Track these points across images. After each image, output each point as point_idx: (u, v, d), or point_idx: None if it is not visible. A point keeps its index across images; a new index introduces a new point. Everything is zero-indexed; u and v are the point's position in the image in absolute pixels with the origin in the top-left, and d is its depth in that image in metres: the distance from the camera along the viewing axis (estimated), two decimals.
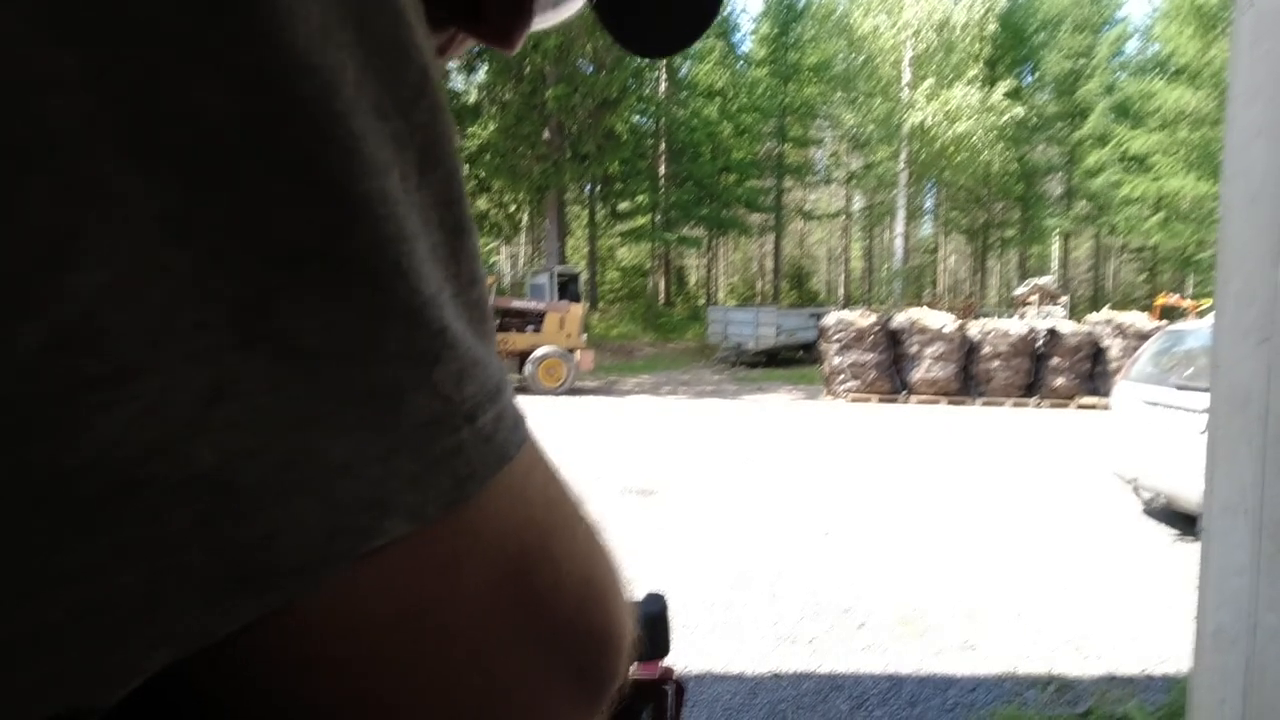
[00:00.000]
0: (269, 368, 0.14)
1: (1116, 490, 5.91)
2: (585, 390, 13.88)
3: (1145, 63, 29.58)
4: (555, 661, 0.19)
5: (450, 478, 0.17)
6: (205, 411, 0.14)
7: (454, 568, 0.17)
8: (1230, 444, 1.53)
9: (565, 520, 0.21)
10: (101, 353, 0.13)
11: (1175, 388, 5.01)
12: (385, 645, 0.16)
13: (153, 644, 0.14)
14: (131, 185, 0.13)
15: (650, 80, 26.59)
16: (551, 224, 23.51)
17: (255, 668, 0.16)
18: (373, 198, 0.15)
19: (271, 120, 0.14)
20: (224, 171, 0.14)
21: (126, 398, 0.13)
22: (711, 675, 3.02)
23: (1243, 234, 1.43)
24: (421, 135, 0.17)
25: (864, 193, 34.92)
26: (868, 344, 12.72)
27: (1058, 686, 2.96)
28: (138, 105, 0.13)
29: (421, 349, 0.16)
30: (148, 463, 0.13)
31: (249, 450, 0.14)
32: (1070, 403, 12.40)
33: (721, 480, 6.54)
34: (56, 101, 0.12)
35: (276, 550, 0.14)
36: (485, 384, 0.18)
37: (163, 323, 0.13)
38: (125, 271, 0.13)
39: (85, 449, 0.13)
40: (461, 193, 0.19)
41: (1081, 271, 39.67)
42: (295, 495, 0.14)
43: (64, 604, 0.13)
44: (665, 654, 0.73)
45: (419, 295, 0.16)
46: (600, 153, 22.60)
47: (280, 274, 0.14)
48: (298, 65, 0.14)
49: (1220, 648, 1.59)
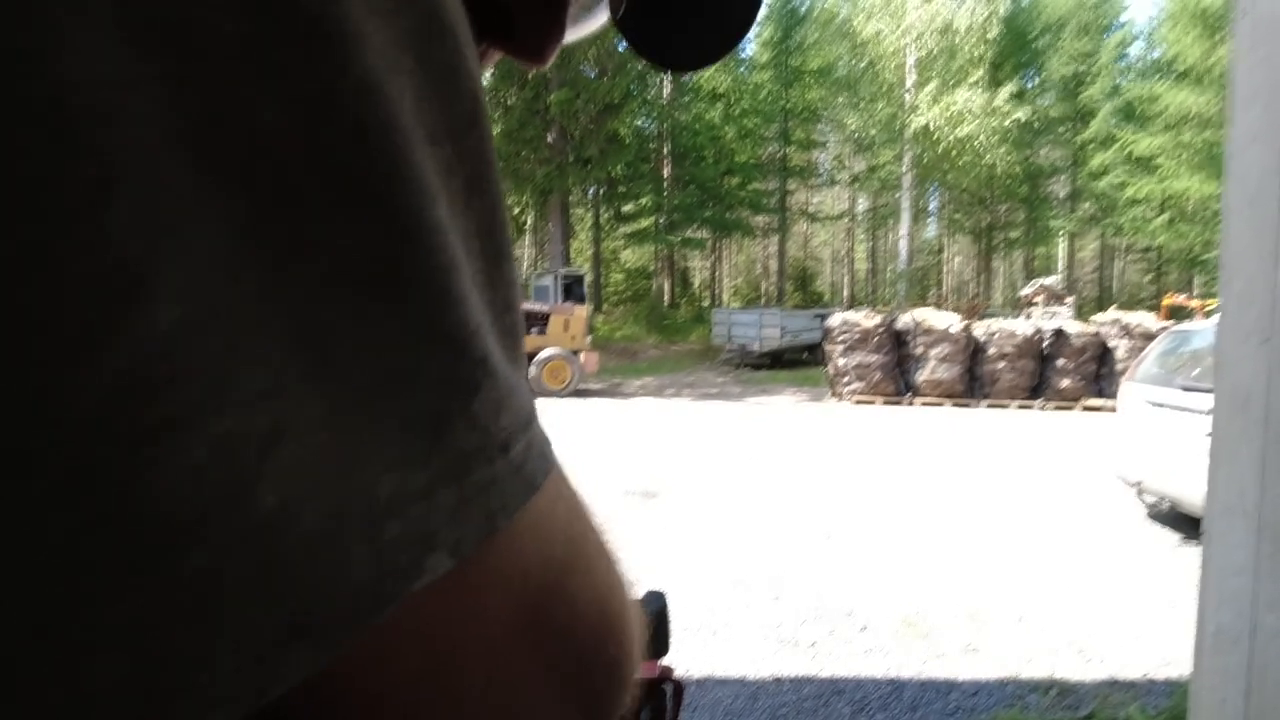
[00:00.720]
0: (324, 402, 0.14)
1: (1121, 494, 5.89)
2: (589, 392, 13.88)
3: (1149, 66, 29.53)
4: (568, 695, 0.19)
5: (484, 511, 0.16)
6: (268, 453, 0.13)
7: (481, 602, 0.17)
8: (1231, 445, 1.52)
9: (584, 552, 0.21)
10: (172, 394, 0.12)
11: (1181, 389, 4.99)
12: (415, 682, 0.16)
13: (206, 705, 0.13)
14: (205, 200, 0.13)
15: (653, 84, 26.62)
16: (555, 227, 23.55)
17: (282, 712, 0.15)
18: (426, 225, 0.15)
19: (335, 143, 0.14)
20: (287, 194, 0.14)
21: (193, 441, 0.12)
22: (713, 678, 3.02)
23: (1243, 235, 1.43)
24: (470, 162, 0.17)
25: (868, 195, 34.90)
26: (872, 345, 12.69)
27: (1060, 690, 2.95)
28: (213, 124, 0.13)
29: (464, 379, 0.16)
30: (209, 508, 0.13)
31: (307, 493, 0.14)
32: (1076, 404, 12.35)
33: (724, 482, 6.54)
34: (135, 109, 0.12)
35: (330, 600, 0.14)
36: (519, 413, 0.18)
37: (231, 360, 0.13)
38: (197, 304, 0.12)
39: (149, 495, 0.12)
40: (504, 219, 0.19)
41: (1087, 272, 39.56)
42: (348, 539, 0.14)
43: (117, 661, 0.12)
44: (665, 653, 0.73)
45: (465, 325, 0.16)
46: (604, 156, 22.64)
47: (335, 302, 0.14)
48: (363, 89, 0.14)
49: (1221, 648, 1.59)
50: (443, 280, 0.16)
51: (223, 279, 0.13)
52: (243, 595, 0.13)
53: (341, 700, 0.15)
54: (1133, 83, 28.49)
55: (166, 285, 0.12)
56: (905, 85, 24.09)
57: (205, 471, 0.12)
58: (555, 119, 21.85)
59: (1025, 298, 19.50)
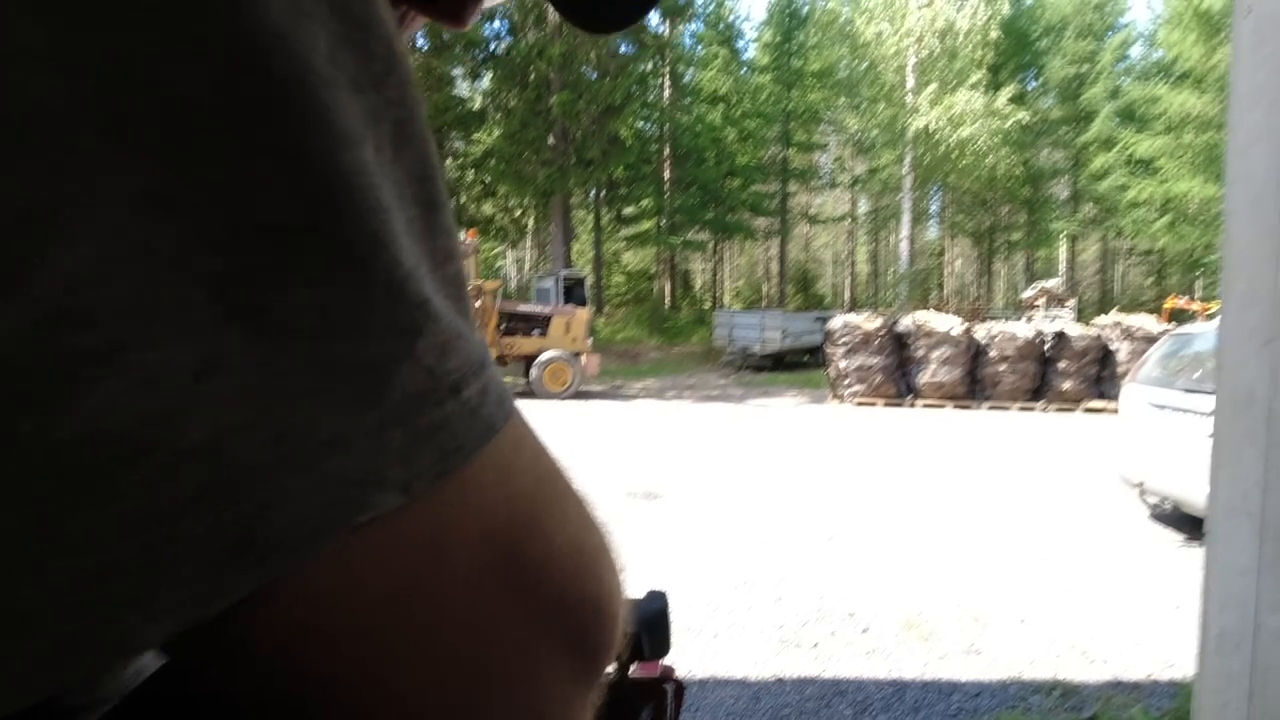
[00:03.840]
0: (255, 343, 0.14)
1: (1123, 495, 5.88)
2: (591, 394, 13.89)
3: (1150, 68, 29.52)
4: (549, 631, 0.19)
5: (437, 451, 0.17)
6: (195, 386, 0.14)
7: (443, 540, 0.17)
8: (1234, 446, 1.52)
9: (555, 492, 0.21)
10: (90, 328, 0.13)
11: (1183, 390, 4.99)
12: (377, 618, 0.16)
13: (151, 615, 0.14)
14: (111, 163, 0.13)
15: (654, 86, 26.66)
16: (557, 228, 23.57)
17: (250, 643, 0.16)
18: (350, 170, 0.15)
19: (247, 96, 0.14)
20: (202, 148, 0.14)
21: (116, 372, 0.13)
22: (715, 679, 3.02)
23: (1246, 237, 1.43)
24: (394, 110, 0.17)
25: (869, 197, 34.90)
26: (874, 347, 12.69)
27: (1063, 691, 2.94)
28: (114, 83, 0.13)
29: (404, 322, 0.16)
30: (140, 436, 0.13)
31: (240, 425, 0.14)
32: (1077, 406, 12.34)
33: (726, 484, 6.53)
34: (36, 79, 0.12)
35: (269, 524, 0.14)
36: (469, 357, 0.18)
37: (149, 299, 0.13)
38: (109, 248, 0.13)
39: (78, 422, 0.13)
40: (435, 168, 0.19)
41: (1089, 274, 39.53)
42: (287, 469, 0.15)
43: (65, 574, 0.13)
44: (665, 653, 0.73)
45: (399, 267, 0.16)
46: (605, 158, 22.66)
47: (262, 248, 0.15)
48: (271, 40, 0.14)
49: (1224, 650, 1.59)
50: (372, 224, 0.16)
51: (140, 225, 0.13)
52: (181, 514, 0.14)
53: (309, 637, 0.16)
54: (1134, 84, 28.50)
55: (81, 228, 0.13)
56: (906, 87, 24.11)
57: (133, 400, 0.13)
58: (557, 121, 21.88)
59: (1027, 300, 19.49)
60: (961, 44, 23.35)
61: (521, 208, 25.43)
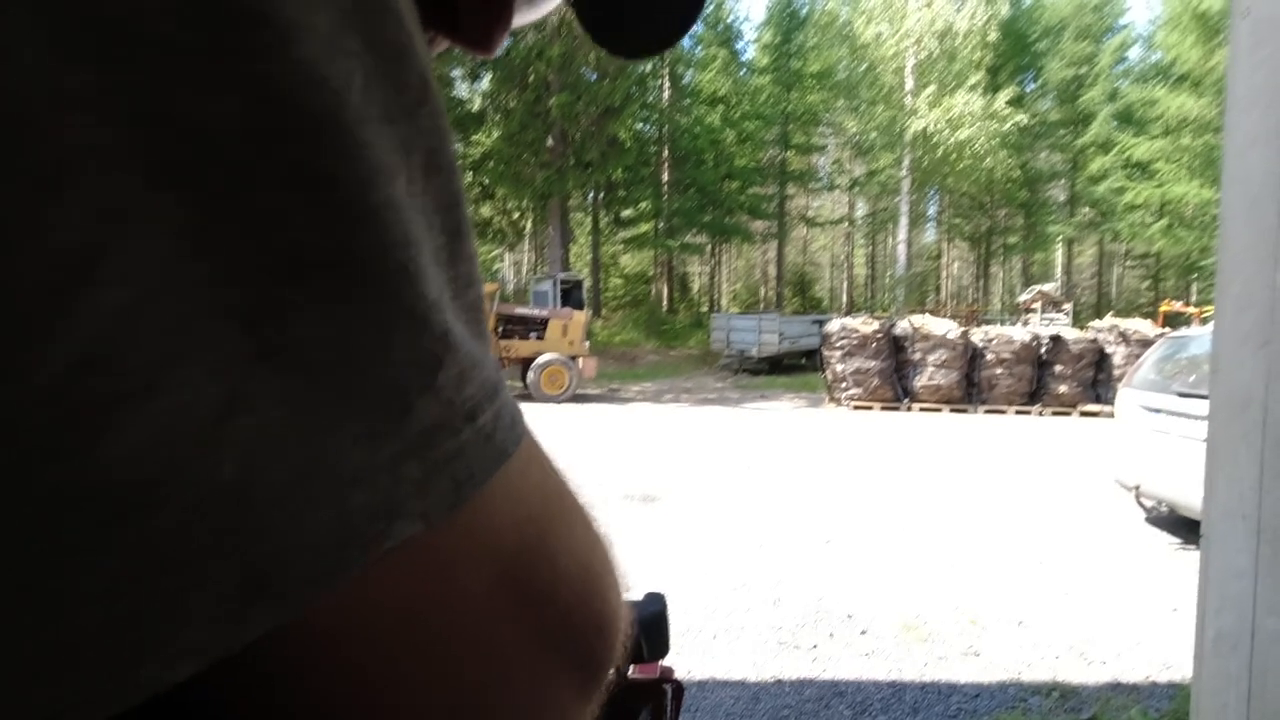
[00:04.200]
0: (282, 380, 0.15)
1: (1119, 498, 5.89)
2: (588, 397, 13.88)
3: (1148, 70, 29.61)
4: (555, 652, 0.20)
5: (452, 480, 0.17)
6: (223, 425, 0.14)
7: (454, 567, 0.17)
8: (1230, 448, 1.53)
9: (562, 514, 0.21)
10: (120, 370, 0.13)
11: (1178, 394, 5.00)
12: (390, 644, 0.17)
13: (176, 656, 0.14)
14: (149, 202, 0.13)
15: (653, 88, 26.69)
16: (555, 231, 23.58)
17: (261, 670, 0.16)
18: (381, 205, 0.16)
19: (281, 133, 0.14)
20: (235, 185, 0.14)
21: (145, 414, 0.13)
22: (714, 681, 3.01)
23: (1242, 239, 1.44)
24: (425, 139, 0.18)
25: (867, 199, 34.98)
26: (870, 351, 12.70)
27: (1061, 693, 2.94)
28: (152, 122, 0.13)
29: (426, 354, 0.17)
30: (169, 477, 0.13)
31: (265, 463, 0.14)
32: (1073, 410, 12.35)
33: (724, 487, 6.53)
34: (74, 120, 0.12)
35: (292, 560, 0.15)
36: (484, 384, 0.18)
37: (179, 339, 0.13)
38: (142, 288, 0.13)
39: (108, 465, 0.13)
40: (461, 196, 0.19)
41: (1085, 278, 39.62)
42: (310, 506, 0.15)
43: (92, 617, 0.13)
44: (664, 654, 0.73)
45: (424, 300, 0.17)
46: (603, 160, 22.67)
47: (291, 284, 0.15)
48: (306, 77, 0.14)
49: (1221, 652, 1.59)
50: (400, 257, 0.16)
51: (174, 265, 0.13)
52: (207, 555, 0.14)
53: (321, 661, 0.16)
54: (1132, 86, 28.58)
55: (116, 270, 0.13)
56: (905, 89, 24.15)
57: (162, 440, 0.13)
58: (556, 122, 21.88)
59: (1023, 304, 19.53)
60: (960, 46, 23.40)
61: (519, 210, 25.44)
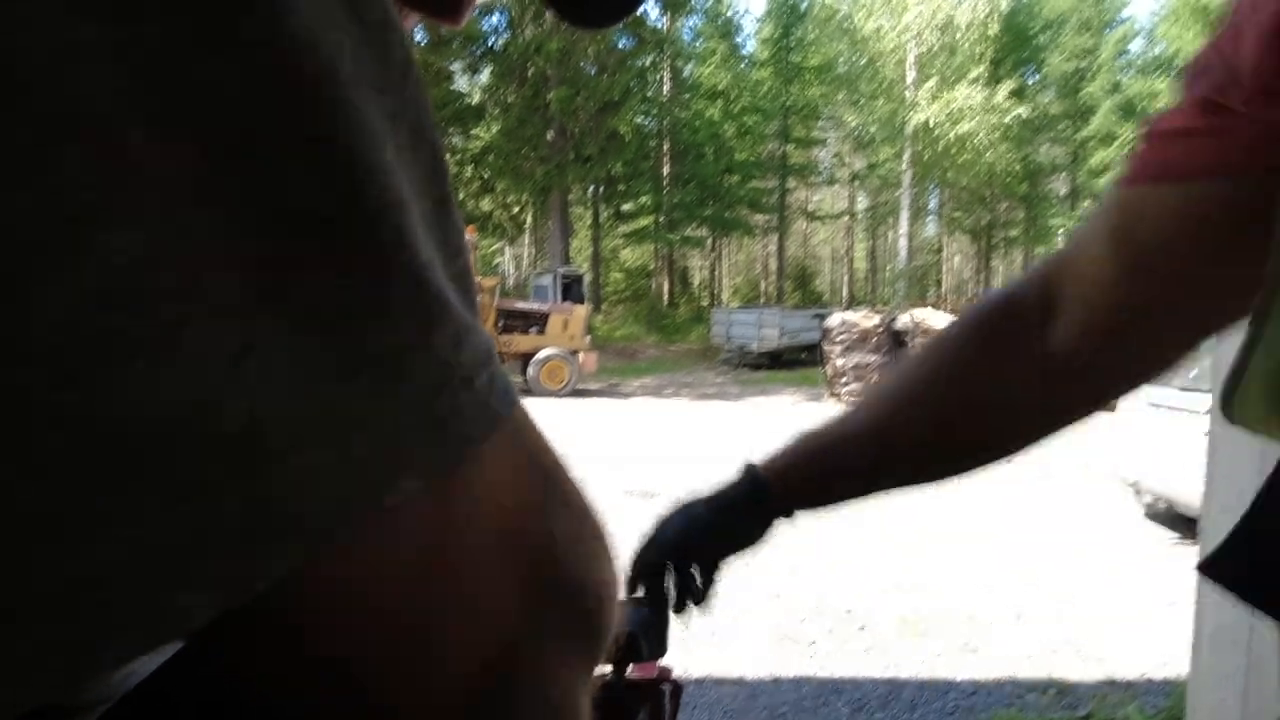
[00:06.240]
0: (288, 329, 0.15)
1: (1118, 493, 5.89)
2: (588, 392, 13.88)
3: (1150, 63, 29.51)
4: (553, 613, 0.20)
5: (452, 438, 0.17)
6: (233, 369, 0.14)
7: (455, 525, 0.18)
8: (1229, 445, 1.52)
9: (555, 481, 0.21)
10: (138, 310, 0.13)
11: (1179, 389, 4.99)
12: (392, 598, 0.17)
13: (200, 590, 0.14)
14: (157, 153, 0.14)
15: (653, 82, 26.60)
16: (555, 225, 23.54)
17: (271, 625, 0.16)
18: (375, 167, 0.16)
19: (280, 93, 0.15)
20: (240, 142, 0.15)
21: (162, 353, 0.14)
22: (711, 678, 3.02)
23: None
24: (411, 111, 0.18)
25: (868, 193, 34.89)
26: (871, 345, 12.68)
27: (1058, 690, 2.95)
28: (157, 76, 0.14)
29: (422, 312, 0.17)
30: (182, 416, 0.14)
31: (274, 406, 0.15)
32: None
33: None
34: (83, 71, 0.13)
35: (304, 502, 0.15)
36: (478, 348, 0.19)
37: (192, 284, 0.14)
38: (156, 233, 0.14)
39: (126, 402, 0.13)
40: (445, 165, 0.20)
41: None
42: (318, 449, 0.15)
43: (113, 550, 0.13)
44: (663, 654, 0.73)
45: (417, 260, 0.17)
46: (603, 154, 22.62)
47: (294, 239, 0.15)
48: (300, 42, 0.15)
49: (1219, 648, 1.59)
50: (394, 218, 0.17)
51: (182, 214, 0.14)
52: (220, 496, 0.14)
53: (329, 613, 0.17)
54: (1134, 79, 28.49)
55: (130, 214, 0.13)
56: (905, 82, 24.08)
57: (177, 382, 0.14)
58: (555, 117, 21.83)
59: None
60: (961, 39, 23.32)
61: (520, 204, 25.37)
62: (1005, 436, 0.67)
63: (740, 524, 0.73)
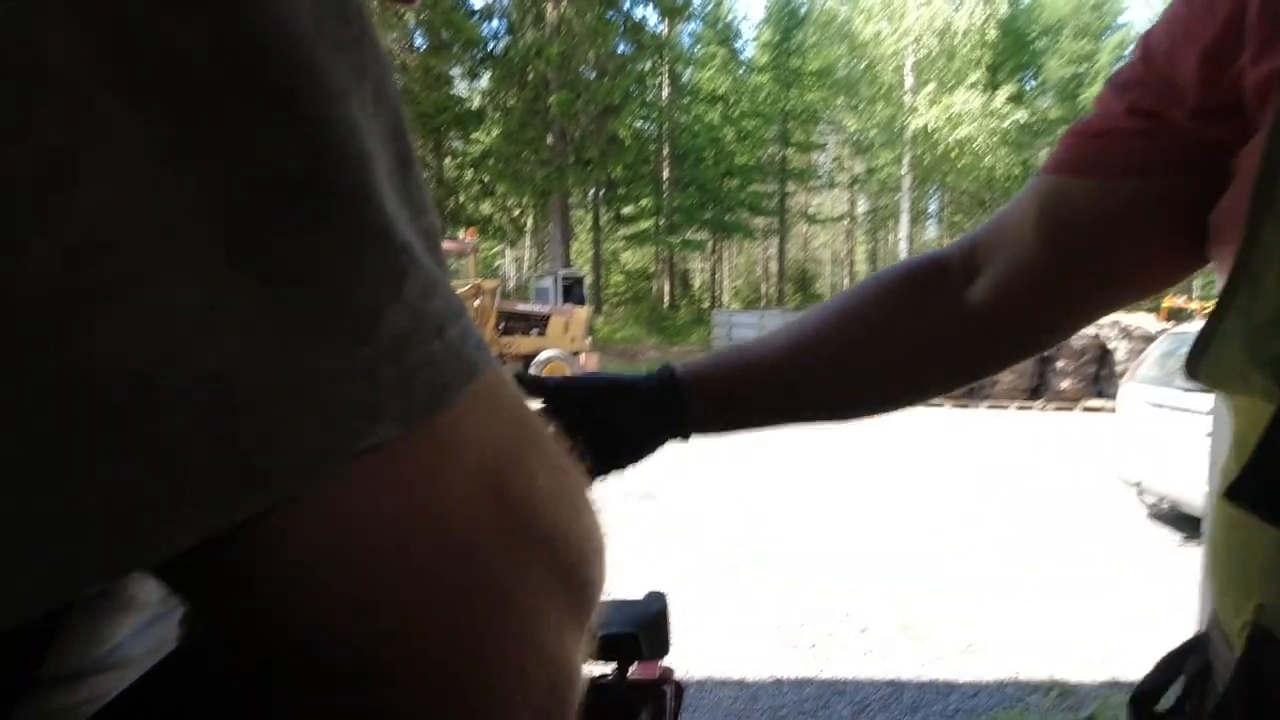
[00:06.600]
0: (257, 282, 0.15)
1: (1121, 494, 5.89)
2: None
3: None
4: (539, 560, 0.20)
5: (428, 386, 0.17)
6: (204, 320, 0.14)
7: (436, 472, 0.18)
8: None
9: (535, 436, 0.21)
10: (110, 261, 0.14)
11: (1181, 389, 4.99)
12: (376, 547, 0.17)
13: (175, 523, 0.15)
14: (123, 113, 0.14)
15: (653, 86, 26.66)
16: (556, 228, 23.56)
17: (254, 575, 0.16)
18: (339, 120, 0.16)
19: (241, 51, 0.15)
20: (204, 99, 0.15)
21: (133, 303, 0.14)
22: (713, 680, 3.01)
23: None
24: (372, 69, 0.18)
25: (868, 196, 34.94)
26: None
27: (1060, 691, 2.94)
28: (120, 39, 0.14)
29: (390, 264, 0.17)
30: (153, 365, 0.14)
31: (245, 357, 0.15)
32: (1076, 405, 12.34)
33: (724, 484, 6.53)
34: (49, 33, 0.13)
35: (274, 450, 0.15)
36: (448, 301, 0.19)
37: (163, 237, 0.14)
38: (126, 188, 0.14)
39: (96, 351, 0.14)
40: (407, 128, 0.20)
41: None
42: (290, 399, 0.15)
43: (92, 489, 0.14)
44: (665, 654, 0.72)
45: (384, 214, 0.17)
46: (604, 157, 22.65)
47: (261, 194, 0.15)
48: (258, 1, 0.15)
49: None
50: (360, 171, 0.17)
51: (151, 171, 0.14)
52: (194, 442, 0.15)
53: (312, 562, 0.17)
54: None
55: (99, 170, 0.14)
56: (904, 87, 24.13)
57: (149, 331, 0.14)
58: (555, 120, 21.86)
59: None
60: (960, 43, 23.37)
61: (520, 207, 25.42)
62: (916, 378, 0.69)
63: (642, 419, 0.72)
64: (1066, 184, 0.58)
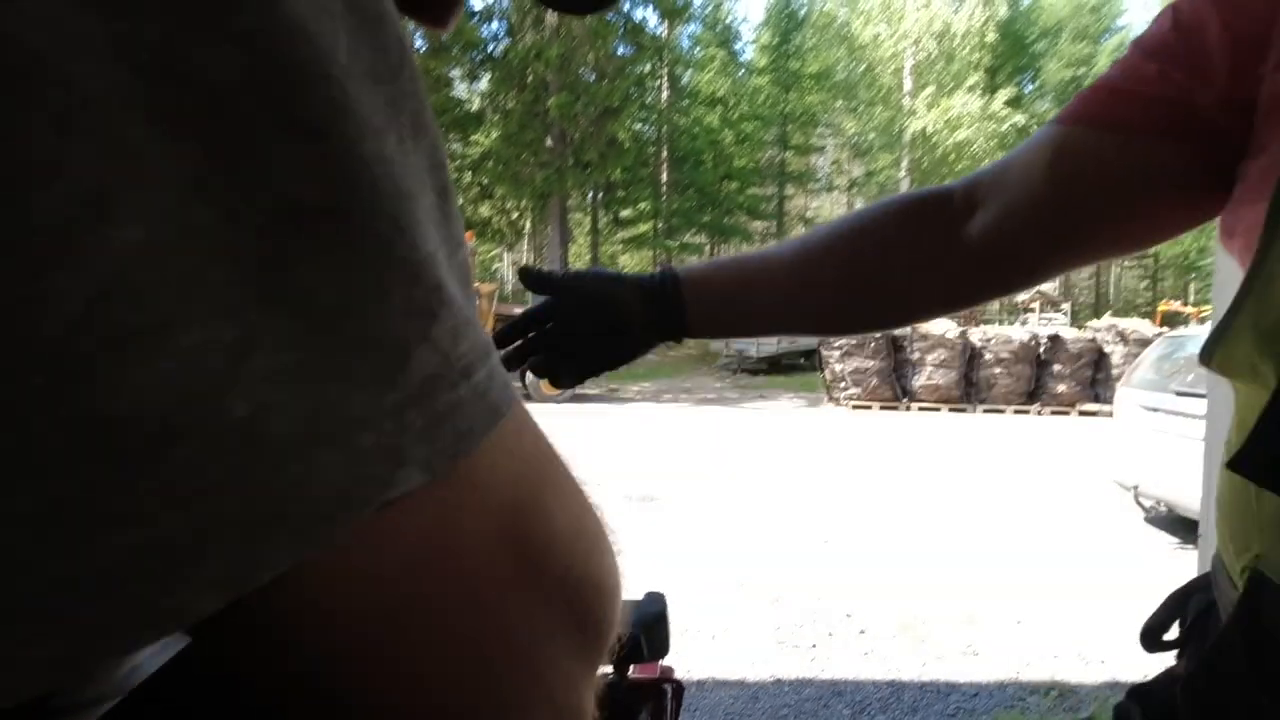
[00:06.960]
0: (287, 324, 0.15)
1: (1118, 498, 5.91)
2: (588, 397, 13.88)
3: None
4: (555, 607, 0.20)
5: (453, 431, 0.17)
6: (234, 365, 0.14)
7: (456, 519, 0.18)
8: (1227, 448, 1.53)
9: (554, 477, 0.21)
10: (139, 305, 0.13)
11: (1176, 394, 5.02)
12: (394, 594, 0.17)
13: (202, 586, 0.14)
14: (157, 148, 0.14)
15: (652, 89, 26.69)
16: (554, 231, 23.57)
17: (274, 622, 0.16)
18: (372, 158, 0.16)
19: (276, 85, 0.15)
20: (238, 135, 0.15)
21: (165, 350, 0.13)
22: (713, 680, 3.02)
23: None
24: (410, 101, 0.18)
25: (866, 200, 34.96)
26: (869, 350, 12.71)
27: (1060, 692, 2.96)
28: (155, 70, 0.14)
29: (421, 305, 0.17)
30: (185, 413, 0.14)
31: (276, 403, 0.15)
32: (1072, 409, 12.37)
33: (723, 487, 6.54)
34: (86, 65, 0.13)
35: (306, 497, 0.15)
36: (477, 343, 0.18)
37: (195, 279, 0.14)
38: (157, 229, 0.13)
39: (127, 398, 0.13)
40: (445, 157, 0.20)
41: (1083, 278, 39.58)
42: (320, 446, 0.15)
43: (114, 547, 0.13)
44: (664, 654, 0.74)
45: (418, 252, 0.17)
46: (602, 160, 22.66)
47: (293, 232, 0.15)
48: (295, 33, 0.15)
49: None
50: (394, 210, 0.16)
51: (183, 209, 0.14)
52: (223, 491, 0.14)
53: (331, 609, 0.16)
54: None
55: (129, 210, 0.13)
56: (903, 90, 24.18)
57: (178, 377, 0.14)
58: (555, 123, 21.88)
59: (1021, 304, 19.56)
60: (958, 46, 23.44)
61: (519, 210, 25.40)
62: (910, 300, 0.73)
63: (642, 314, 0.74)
64: (1085, 134, 0.60)
